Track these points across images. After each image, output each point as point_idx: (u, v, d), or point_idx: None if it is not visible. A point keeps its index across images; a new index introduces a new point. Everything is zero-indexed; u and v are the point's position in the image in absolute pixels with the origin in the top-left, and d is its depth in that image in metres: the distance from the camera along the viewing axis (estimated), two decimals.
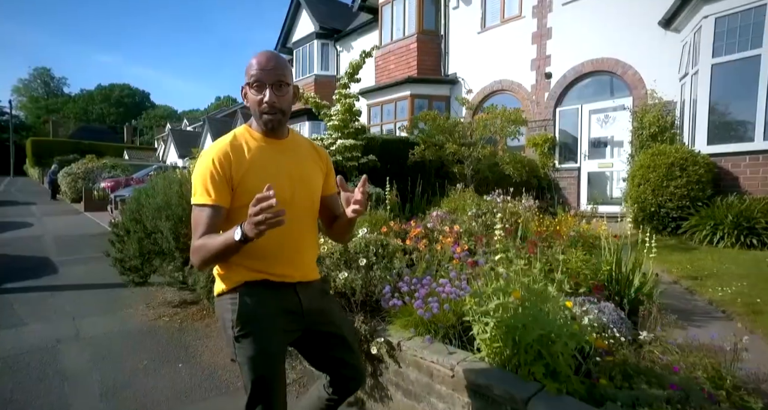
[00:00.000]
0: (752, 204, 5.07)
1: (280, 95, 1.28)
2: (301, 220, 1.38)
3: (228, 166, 1.26)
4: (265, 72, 1.26)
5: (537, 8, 8.91)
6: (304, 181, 1.39)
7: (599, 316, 2.52)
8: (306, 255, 1.42)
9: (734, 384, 2.04)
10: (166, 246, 4.02)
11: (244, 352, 1.29)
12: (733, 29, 5.70)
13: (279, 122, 1.31)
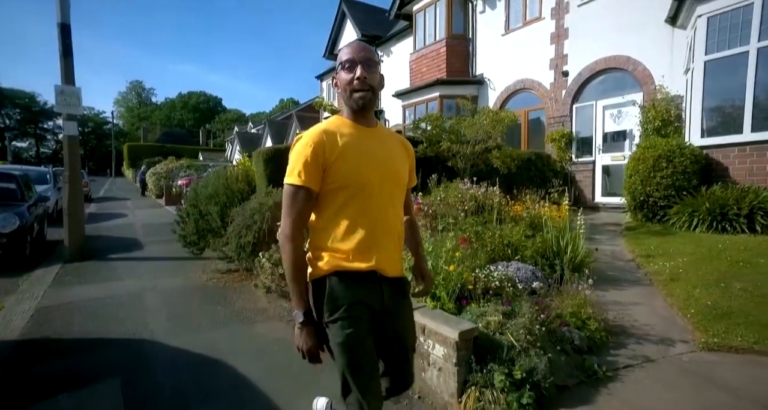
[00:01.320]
0: (728, 193, 5.37)
1: (371, 73, 1.31)
2: (388, 208, 1.37)
3: (322, 150, 1.28)
4: (356, 52, 1.32)
5: (555, 10, 9.31)
6: (392, 168, 1.40)
7: (510, 272, 3.37)
8: (395, 247, 1.41)
9: (585, 318, 2.86)
10: (215, 225, 5.39)
11: (335, 338, 1.31)
12: (724, 27, 5.91)
13: (369, 100, 1.33)
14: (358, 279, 1.33)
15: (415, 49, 12.83)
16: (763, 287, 3.49)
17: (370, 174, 1.32)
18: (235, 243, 4.32)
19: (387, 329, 1.41)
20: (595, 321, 2.88)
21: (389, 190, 1.37)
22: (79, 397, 2.58)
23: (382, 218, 1.35)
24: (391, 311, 1.41)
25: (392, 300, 1.41)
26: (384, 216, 1.36)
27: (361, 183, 1.31)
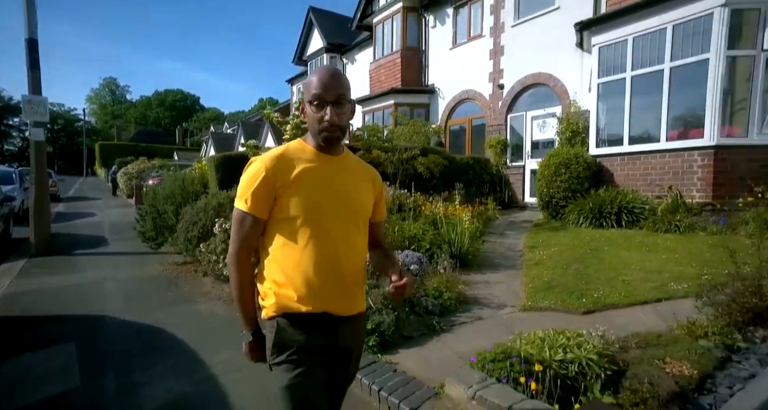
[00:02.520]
0: (606, 195, 6.43)
1: (341, 113, 1.24)
2: (342, 247, 1.27)
3: (273, 178, 1.21)
4: (326, 89, 1.21)
5: (493, 29, 10.34)
6: (350, 201, 1.29)
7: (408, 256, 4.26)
8: (349, 286, 1.29)
9: (443, 290, 3.76)
10: (171, 222, 6.12)
11: (278, 382, 1.24)
12: (611, 57, 6.99)
13: (337, 139, 1.27)
14: (309, 321, 1.23)
15: (375, 58, 13.73)
16: (590, 267, 4.50)
17: (323, 206, 1.23)
18: (183, 237, 5.09)
19: (340, 369, 1.34)
20: (450, 293, 3.79)
21: (344, 223, 1.27)
22: (40, 355, 3.34)
23: (334, 253, 1.24)
24: (346, 352, 1.32)
25: (349, 340, 1.31)
26: (336, 251, 1.24)
27: (311, 215, 1.22)
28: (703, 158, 5.91)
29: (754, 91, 5.80)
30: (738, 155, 5.78)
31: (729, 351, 2.58)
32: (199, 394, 2.74)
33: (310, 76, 1.27)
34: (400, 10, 12.41)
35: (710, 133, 5.88)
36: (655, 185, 6.42)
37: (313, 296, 1.23)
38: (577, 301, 3.70)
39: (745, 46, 5.81)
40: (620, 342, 2.72)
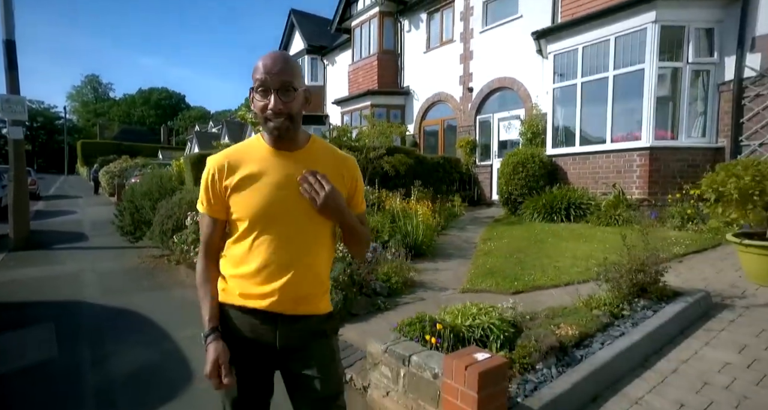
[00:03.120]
0: (558, 192, 6.97)
1: (287, 100, 1.13)
2: (299, 241, 1.21)
3: (220, 178, 1.20)
4: (271, 76, 1.12)
5: (463, 34, 10.84)
6: (303, 200, 1.20)
7: None
8: (304, 281, 1.22)
9: (391, 275, 4.18)
10: (148, 217, 6.45)
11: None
12: (565, 63, 7.54)
13: (286, 129, 1.16)
14: (247, 313, 1.22)
15: (353, 61, 14.14)
16: (530, 255, 5.00)
17: (268, 208, 1.18)
18: (158, 230, 5.44)
19: (293, 372, 1.26)
20: (398, 277, 4.24)
21: (295, 223, 1.21)
22: (21, 333, 3.68)
23: (282, 254, 1.20)
24: (294, 352, 1.25)
25: (295, 341, 1.24)
26: (284, 252, 1.20)
27: (256, 217, 1.19)
28: (640, 158, 6.47)
29: (682, 99, 6.39)
30: (669, 156, 6.36)
31: (613, 318, 3.08)
32: (164, 361, 3.14)
33: (256, 63, 1.16)
34: (377, 14, 12.85)
35: (646, 135, 6.45)
36: (602, 183, 6.98)
37: (255, 293, 1.20)
38: (510, 284, 4.18)
39: (673, 58, 6.39)
40: (531, 314, 3.19)
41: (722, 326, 3.10)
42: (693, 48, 6.35)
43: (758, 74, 5.96)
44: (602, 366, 2.53)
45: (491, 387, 1.90)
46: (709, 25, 6.35)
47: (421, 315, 2.78)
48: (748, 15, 6.01)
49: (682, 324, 3.15)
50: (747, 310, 3.29)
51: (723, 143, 6.37)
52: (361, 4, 13.66)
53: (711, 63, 6.41)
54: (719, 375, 2.48)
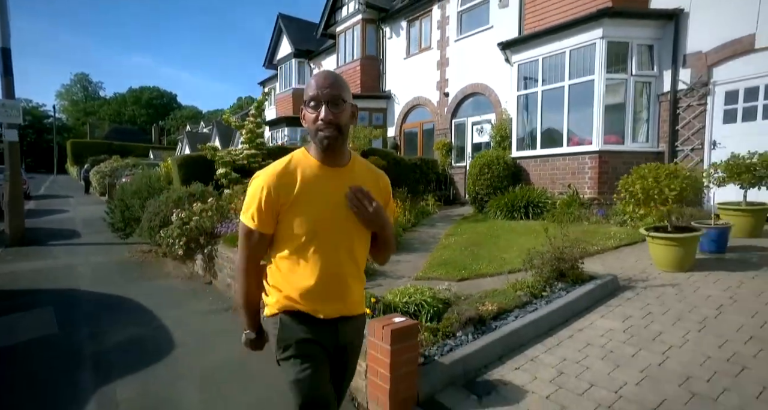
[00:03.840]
0: (520, 191, 7.58)
1: (337, 112, 1.24)
2: (347, 254, 1.33)
3: (276, 195, 1.26)
4: (322, 90, 1.24)
5: (440, 42, 11.45)
6: (354, 217, 1.31)
7: None
8: (351, 289, 1.36)
9: None
10: (137, 214, 6.95)
11: (287, 376, 1.31)
12: (528, 72, 8.16)
13: (335, 139, 1.25)
14: (309, 319, 1.31)
15: (338, 65, 14.68)
16: (484, 248, 5.60)
17: (323, 221, 1.27)
18: (146, 226, 5.94)
19: (342, 366, 1.42)
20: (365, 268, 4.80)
21: (345, 237, 1.32)
22: (23, 316, 4.19)
23: (336, 267, 1.30)
24: (346, 349, 1.40)
25: (349, 338, 1.40)
26: (337, 264, 1.31)
27: (312, 231, 1.27)
28: (591, 161, 7.11)
29: (627, 108, 7.04)
30: (616, 159, 7.00)
31: (533, 297, 3.67)
32: (151, 335, 3.68)
33: (308, 82, 1.29)
34: (360, 21, 13.41)
35: (596, 140, 7.09)
36: (559, 183, 7.60)
37: (314, 304, 1.30)
38: (458, 272, 4.76)
39: (619, 70, 7.04)
40: (466, 295, 3.77)
41: (620, 302, 3.71)
42: (636, 62, 7.00)
43: (689, 87, 6.64)
44: (510, 333, 3.12)
45: (402, 342, 2.47)
46: (649, 42, 7.01)
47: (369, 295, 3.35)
48: (680, 34, 6.69)
49: (589, 301, 3.75)
50: (644, 290, 3.91)
51: (663, 148, 7.03)
52: (345, 11, 14.21)
53: (652, 76, 7.07)
54: (601, 338, 3.09)
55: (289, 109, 17.99)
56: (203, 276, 5.55)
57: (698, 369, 2.59)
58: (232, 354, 3.31)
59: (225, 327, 3.92)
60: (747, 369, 2.55)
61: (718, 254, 4.68)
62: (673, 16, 6.78)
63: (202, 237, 5.27)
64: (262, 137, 7.83)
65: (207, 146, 7.13)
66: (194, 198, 5.99)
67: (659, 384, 2.47)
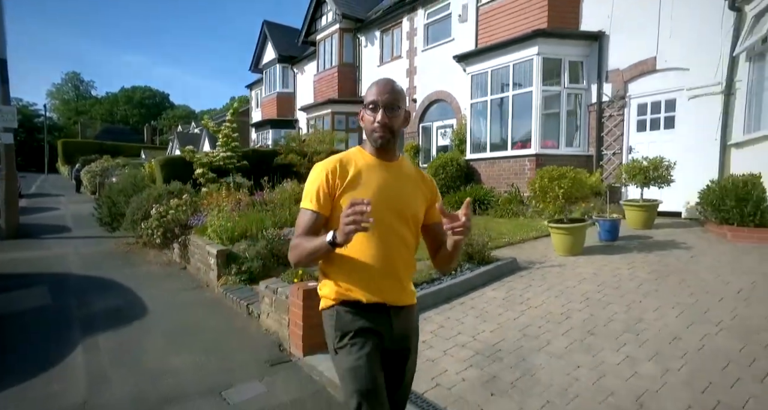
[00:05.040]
0: (469, 190, 8.47)
1: (392, 116, 1.35)
2: (394, 242, 1.38)
3: (334, 179, 1.35)
4: (381, 96, 1.35)
5: (409, 51, 12.33)
6: (402, 203, 1.40)
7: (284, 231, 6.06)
8: (400, 278, 1.41)
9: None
10: (123, 210, 7.74)
11: (342, 363, 1.35)
12: (480, 82, 9.06)
13: (388, 140, 1.37)
14: (364, 308, 1.36)
15: (318, 71, 15.52)
16: None
17: (376, 205, 1.27)
18: (130, 219, 6.75)
19: (397, 356, 1.44)
20: None
21: (394, 225, 1.37)
22: (21, 292, 5.00)
23: (387, 250, 1.36)
24: (401, 339, 1.43)
25: (404, 329, 1.43)
26: (389, 248, 1.36)
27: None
28: (530, 163, 8.01)
29: (561, 116, 7.96)
30: (551, 161, 7.86)
31: (442, 275, 4.53)
32: (130, 305, 4.51)
33: (369, 86, 1.40)
34: (338, 30, 14.26)
35: (534, 144, 7.99)
36: (504, 182, 8.50)
37: (369, 288, 1.35)
38: None
39: (554, 83, 7.96)
40: None
41: (512, 279, 4.59)
42: (568, 76, 7.92)
43: (610, 99, 7.57)
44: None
45: (312, 300, 3.32)
46: (579, 59, 7.94)
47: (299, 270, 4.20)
48: (603, 53, 7.62)
49: (487, 278, 4.62)
50: (536, 270, 4.80)
51: (592, 152, 7.96)
52: (325, 20, 15.05)
53: (582, 88, 8.00)
54: (484, 304, 3.96)
55: (274, 111, 18.80)
56: (179, 263, 6.37)
57: (538, 320, 3.48)
58: (192, 318, 4.17)
59: (191, 300, 4.77)
60: (569, 318, 3.45)
61: (611, 242, 5.58)
62: (597, 38, 7.72)
63: (177, 228, 6.09)
64: (237, 141, 8.65)
65: (186, 149, 7.95)
66: (173, 195, 6.80)
67: (506, 331, 3.35)
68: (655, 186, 5.96)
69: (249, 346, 3.57)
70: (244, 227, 5.93)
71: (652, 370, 2.59)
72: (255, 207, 6.86)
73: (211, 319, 4.20)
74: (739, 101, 5.99)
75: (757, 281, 3.79)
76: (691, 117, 6.63)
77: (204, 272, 5.47)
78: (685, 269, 4.33)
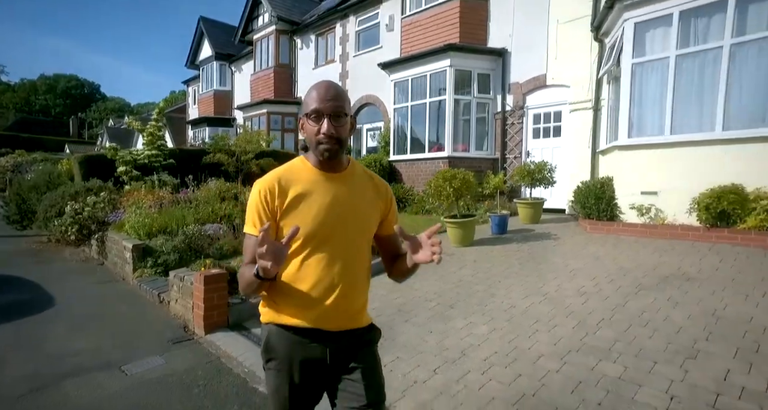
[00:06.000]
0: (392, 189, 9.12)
1: (338, 125, 1.22)
2: (348, 260, 1.28)
3: (272, 200, 1.23)
4: (324, 102, 1.20)
5: (342, 56, 12.84)
6: (350, 219, 1.28)
7: (206, 227, 6.30)
8: (349, 298, 1.29)
9: (223, 245, 5.87)
10: (34, 208, 7.53)
11: (268, 385, 1.34)
12: (405, 88, 9.77)
13: (335, 152, 1.24)
14: (297, 333, 1.26)
15: (254, 71, 15.58)
16: None
17: (320, 227, 1.22)
18: (42, 216, 6.64)
19: (340, 380, 1.30)
20: (229, 246, 5.96)
21: (342, 243, 1.26)
22: None
23: (330, 273, 1.24)
24: (345, 365, 1.30)
25: (346, 354, 1.30)
26: (332, 271, 1.24)
27: (309, 236, 1.22)
28: (444, 164, 8.80)
29: (471, 123, 8.87)
30: (462, 163, 8.74)
31: None
32: (34, 300, 4.60)
33: (309, 90, 1.25)
34: (274, 32, 14.44)
35: (448, 148, 8.82)
36: (422, 182, 9.24)
37: (304, 312, 1.25)
38: None
39: (464, 93, 8.85)
40: None
41: None
42: (477, 87, 8.84)
43: (512, 109, 8.57)
44: None
45: (212, 284, 3.72)
46: (486, 72, 8.88)
47: (207, 260, 4.56)
48: (506, 68, 8.62)
49: None
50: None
51: (498, 155, 8.92)
52: (261, 21, 15.15)
53: (489, 98, 8.95)
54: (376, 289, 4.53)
55: (211, 109, 18.49)
56: (97, 259, 6.41)
57: (414, 300, 4.12)
58: (103, 309, 4.39)
59: (104, 293, 4.94)
60: (440, 296, 4.13)
61: (500, 235, 6.44)
62: (501, 54, 8.69)
63: (94, 224, 6.14)
64: (163, 139, 8.68)
65: (109, 146, 7.88)
66: (91, 192, 6.79)
67: (385, 308, 3.95)
68: (540, 186, 6.93)
69: (156, 329, 3.89)
70: (164, 223, 6.13)
71: (483, 330, 3.30)
72: (179, 205, 7.03)
73: (122, 308, 4.44)
74: (604, 116, 7.13)
75: (587, 262, 4.71)
76: (572, 127, 7.73)
77: (120, 266, 5.62)
78: (544, 255, 5.21)
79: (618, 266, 4.52)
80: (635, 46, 5.88)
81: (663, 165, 5.63)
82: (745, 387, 2.29)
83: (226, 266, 4.51)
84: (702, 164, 5.26)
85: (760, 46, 4.88)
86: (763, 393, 2.23)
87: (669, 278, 4.00)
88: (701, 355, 2.64)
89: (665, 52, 5.60)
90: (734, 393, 2.25)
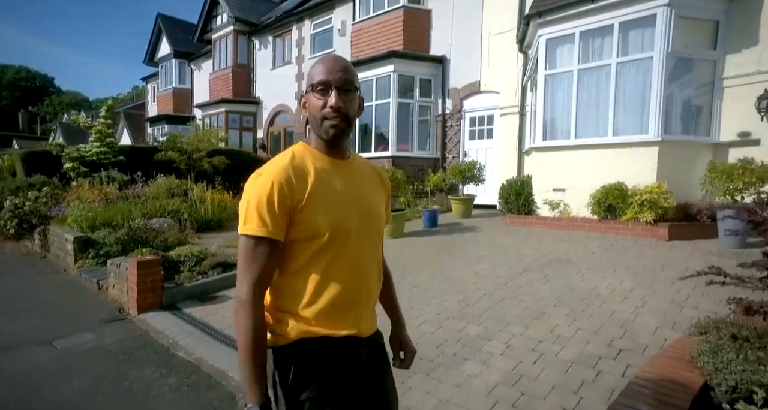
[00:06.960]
0: None
1: (347, 100, 1.06)
2: (366, 256, 1.13)
3: (292, 192, 1.01)
4: (333, 73, 1.05)
5: (297, 58, 13.19)
6: (369, 209, 1.15)
7: (153, 221, 6.56)
8: (372, 298, 1.18)
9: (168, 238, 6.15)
10: None
11: None
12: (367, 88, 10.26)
13: (342, 130, 1.07)
14: (332, 346, 1.06)
15: (213, 70, 15.66)
16: None
17: (346, 218, 1.07)
18: None
19: (369, 395, 1.14)
20: (174, 239, 6.26)
21: (367, 234, 1.13)
22: None
23: (360, 270, 1.11)
24: (371, 374, 1.16)
25: (371, 361, 1.17)
26: (362, 267, 1.11)
27: (335, 230, 1.05)
28: (388, 163, 9.35)
29: (414, 124, 9.48)
30: (406, 162, 9.35)
31: None
32: None
33: (314, 63, 1.10)
34: (232, 32, 14.61)
35: (392, 147, 9.39)
36: None
37: (340, 318, 1.07)
38: None
39: (408, 97, 9.45)
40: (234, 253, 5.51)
41: None
42: (419, 91, 9.45)
43: (451, 112, 9.24)
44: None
45: (145, 269, 4.08)
46: (428, 77, 9.51)
47: (144, 249, 4.89)
48: (446, 74, 9.29)
49: None
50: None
51: (438, 155, 9.57)
52: (220, 21, 15.28)
53: (431, 102, 9.59)
54: None
55: (170, 107, 18.34)
56: (39, 252, 6.55)
57: None
58: (41, 296, 4.65)
59: (44, 282, 5.18)
60: None
61: (431, 228, 7.03)
62: (442, 60, 9.34)
63: (36, 218, 6.30)
64: (112, 137, 8.80)
65: (53, 143, 7.97)
66: (34, 187, 6.90)
67: None
68: (471, 183, 7.59)
69: (92, 312, 4.21)
70: (110, 217, 6.38)
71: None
72: (127, 200, 7.25)
73: (61, 295, 4.71)
74: (528, 120, 7.88)
75: (494, 250, 5.36)
76: (502, 130, 8.46)
77: (62, 258, 5.83)
78: (462, 245, 5.82)
79: (519, 253, 5.17)
80: (548, 59, 6.62)
81: (570, 165, 6.37)
82: (561, 335, 2.92)
83: (162, 254, 4.87)
84: (599, 164, 6.03)
85: (638, 65, 5.69)
86: (571, 337, 2.88)
87: (553, 262, 4.68)
88: (544, 317, 3.27)
89: (570, 66, 6.35)
90: (551, 339, 2.88)
